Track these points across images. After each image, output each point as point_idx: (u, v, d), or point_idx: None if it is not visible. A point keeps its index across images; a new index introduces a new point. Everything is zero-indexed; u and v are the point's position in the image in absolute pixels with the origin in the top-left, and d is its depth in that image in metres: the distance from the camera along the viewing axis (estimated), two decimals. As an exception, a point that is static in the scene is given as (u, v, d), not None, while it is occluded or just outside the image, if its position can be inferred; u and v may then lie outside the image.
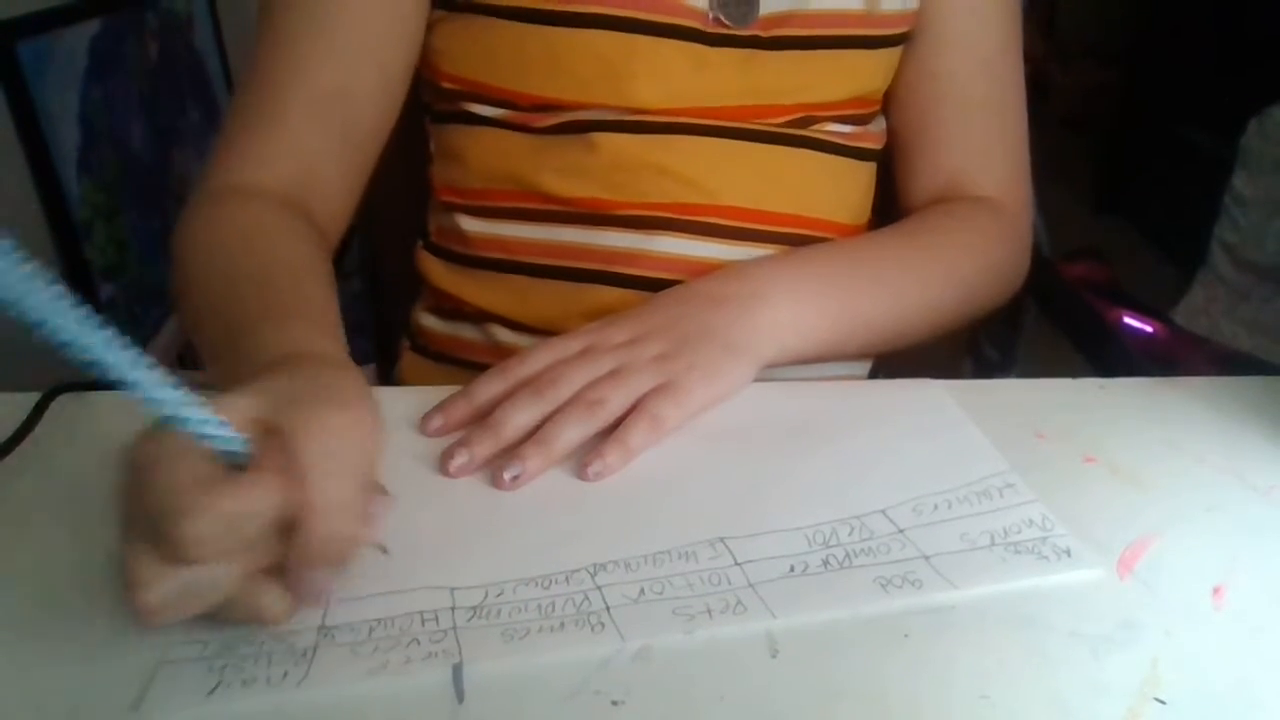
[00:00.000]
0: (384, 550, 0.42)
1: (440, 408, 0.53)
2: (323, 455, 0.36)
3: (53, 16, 1.48)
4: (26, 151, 1.41)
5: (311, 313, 0.50)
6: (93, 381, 0.55)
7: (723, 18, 0.62)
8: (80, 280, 1.49)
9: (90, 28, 1.58)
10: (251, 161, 0.60)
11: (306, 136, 0.61)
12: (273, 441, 0.36)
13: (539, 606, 0.41)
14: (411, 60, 0.65)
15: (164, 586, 0.34)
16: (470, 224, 0.68)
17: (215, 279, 0.54)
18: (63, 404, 0.53)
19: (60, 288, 0.32)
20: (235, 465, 0.37)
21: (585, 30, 0.61)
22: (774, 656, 0.39)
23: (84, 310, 0.33)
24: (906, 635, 0.40)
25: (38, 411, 0.51)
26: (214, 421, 0.36)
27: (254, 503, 0.35)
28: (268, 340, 0.45)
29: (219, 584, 0.36)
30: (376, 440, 0.39)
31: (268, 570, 0.37)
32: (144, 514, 0.34)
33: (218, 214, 0.58)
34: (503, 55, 0.64)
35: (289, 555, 0.36)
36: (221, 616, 0.37)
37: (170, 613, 0.35)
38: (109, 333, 0.33)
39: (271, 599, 0.37)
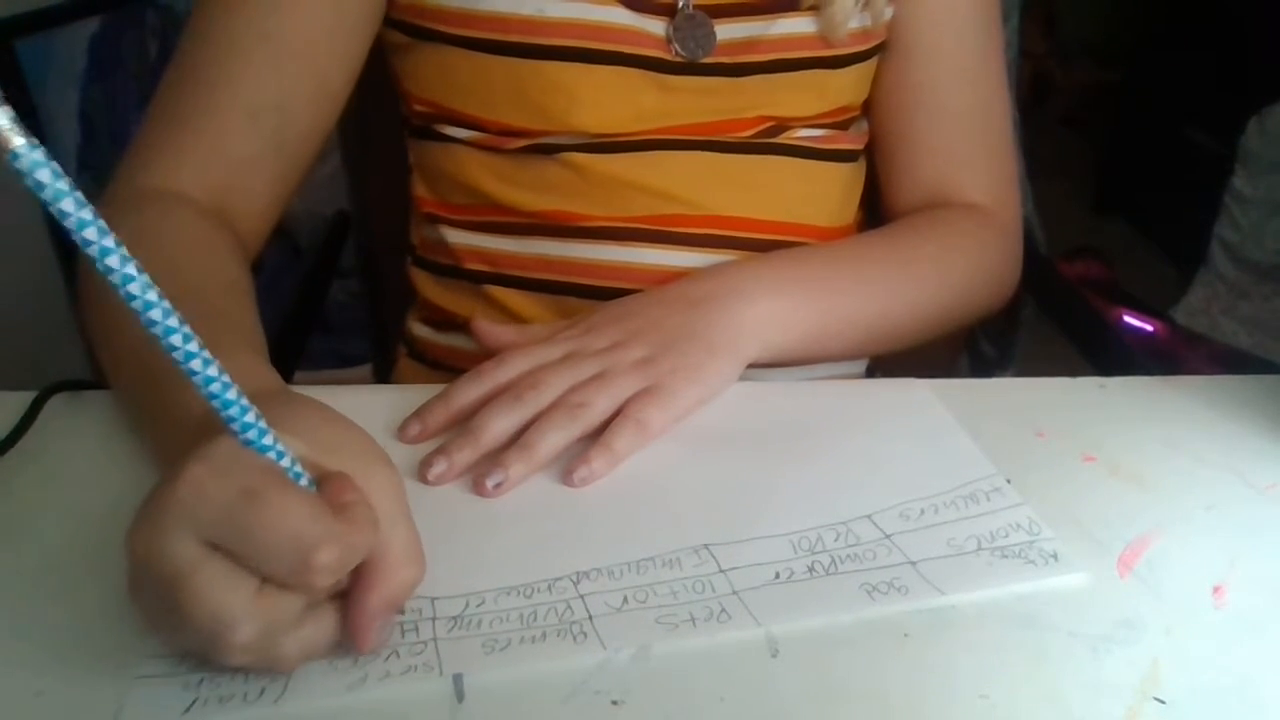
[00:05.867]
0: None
1: (418, 414, 0.52)
2: (395, 505, 0.38)
3: (52, 15, 1.48)
4: (26, 150, 1.40)
5: (248, 338, 0.49)
6: (89, 380, 0.55)
7: (679, 49, 0.62)
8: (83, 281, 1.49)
9: (90, 26, 1.57)
10: (176, 164, 0.58)
11: (237, 144, 0.59)
12: (344, 480, 0.36)
13: (520, 616, 0.41)
14: (352, 75, 0.63)
15: (260, 619, 0.34)
16: (453, 236, 0.68)
17: None
18: (59, 403, 0.53)
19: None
20: None
21: (547, 62, 0.60)
22: (774, 656, 0.39)
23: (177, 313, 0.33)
24: (906, 635, 0.40)
25: (34, 410, 0.51)
26: (289, 455, 0.36)
27: (370, 535, 0.36)
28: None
29: (292, 619, 0.35)
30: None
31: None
32: (259, 541, 0.33)
33: (137, 220, 0.55)
34: (468, 83, 0.63)
35: (366, 597, 0.36)
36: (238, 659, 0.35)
37: (254, 653, 0.34)
38: (199, 341, 0.33)
39: (298, 644, 0.36)
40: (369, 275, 1.00)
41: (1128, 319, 1.92)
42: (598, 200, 0.64)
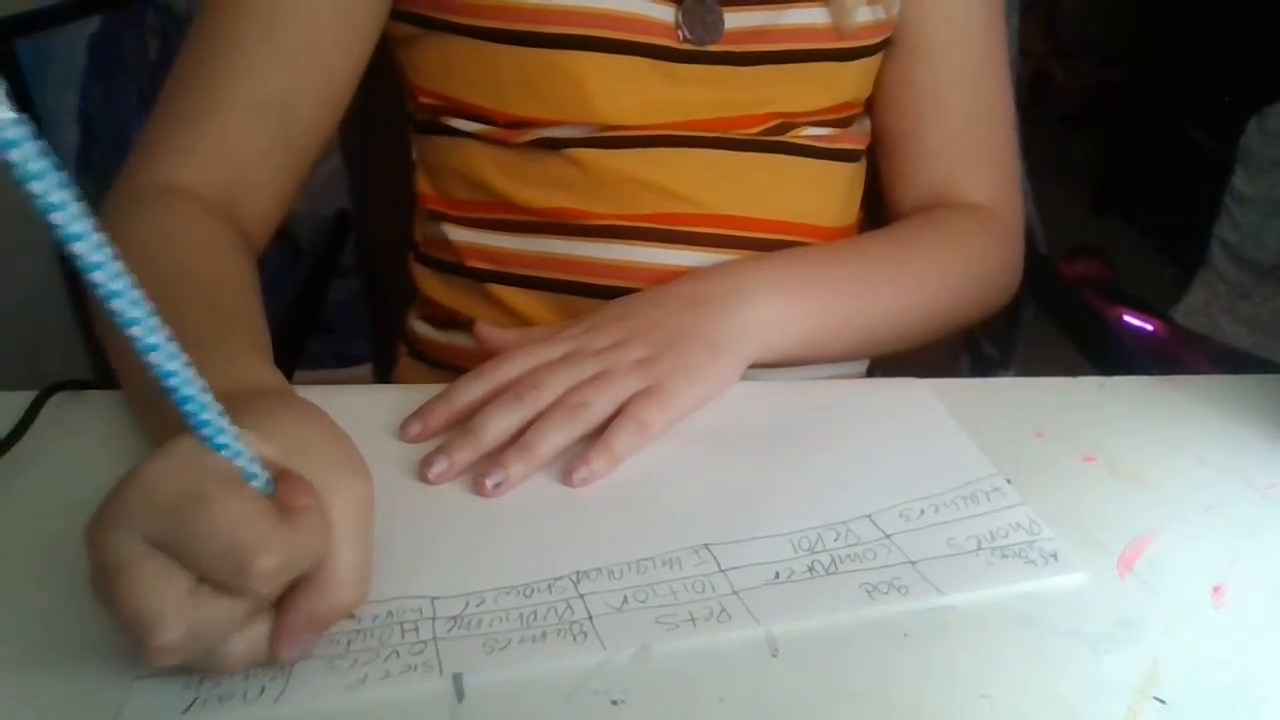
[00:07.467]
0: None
1: (419, 413, 0.52)
2: (353, 521, 0.37)
3: (52, 15, 1.48)
4: (26, 150, 1.40)
5: (250, 335, 0.49)
6: (89, 380, 0.55)
7: (687, 34, 0.62)
8: (80, 279, 1.49)
9: (90, 26, 1.57)
10: (182, 160, 0.58)
11: (243, 140, 0.59)
12: (300, 484, 0.36)
13: (520, 616, 0.41)
14: (358, 70, 0.63)
15: (186, 622, 0.33)
16: (456, 234, 0.68)
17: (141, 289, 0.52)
18: (59, 402, 0.53)
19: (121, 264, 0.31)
20: None
21: (555, 51, 0.60)
22: (774, 656, 0.39)
23: (145, 300, 0.32)
24: (906, 635, 0.40)
25: (34, 410, 0.51)
26: (249, 456, 0.35)
27: (316, 545, 0.35)
28: (216, 367, 0.41)
29: (230, 624, 0.35)
30: (375, 510, 0.39)
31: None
32: (197, 543, 0.33)
33: (143, 216, 0.55)
34: (476, 74, 0.63)
35: (293, 611, 0.36)
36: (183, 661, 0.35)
37: (180, 655, 0.34)
38: (166, 331, 0.33)
39: (241, 647, 0.36)
40: (369, 273, 1.00)
41: (1128, 319, 1.92)
42: (603, 198, 0.64)
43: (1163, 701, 0.37)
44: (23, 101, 1.41)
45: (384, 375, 0.89)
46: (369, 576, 0.38)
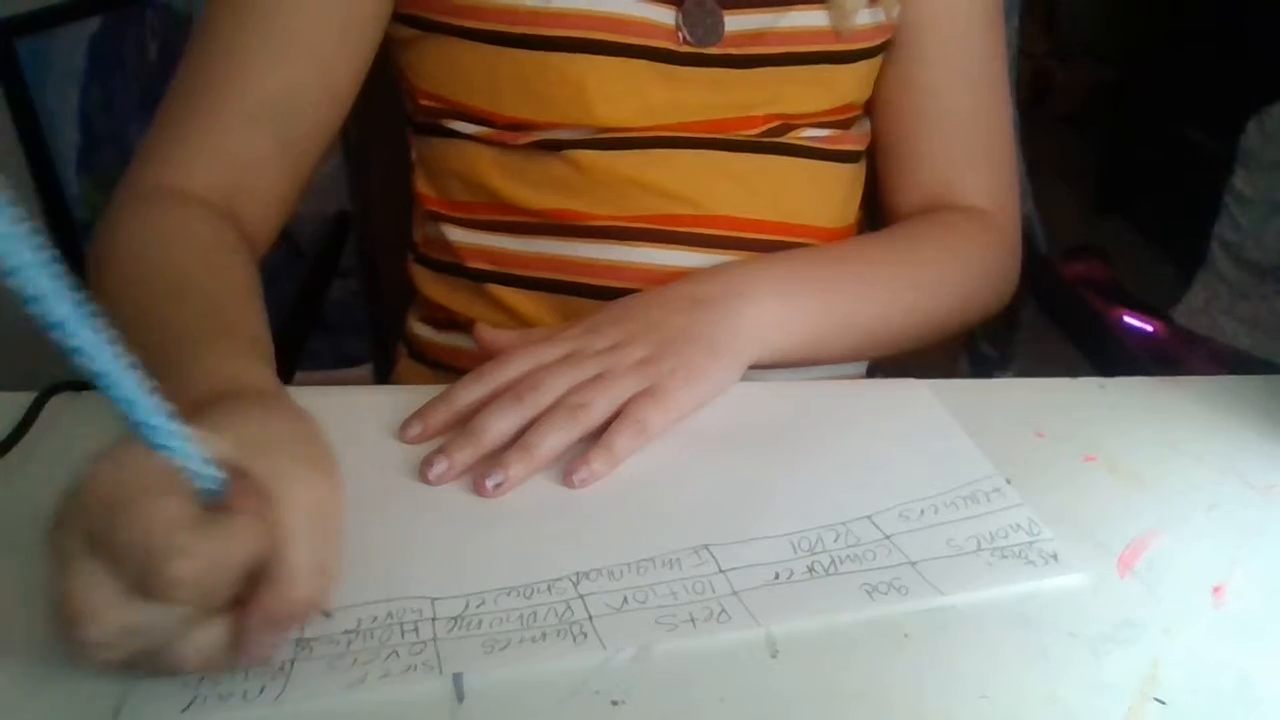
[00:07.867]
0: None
1: (419, 414, 0.52)
2: (308, 519, 0.36)
3: (52, 15, 1.48)
4: (26, 151, 1.40)
5: (246, 338, 0.49)
6: (89, 380, 0.55)
7: (687, 35, 0.62)
8: (80, 280, 1.49)
9: (90, 26, 1.57)
10: (185, 164, 0.58)
11: (244, 142, 0.59)
12: (244, 486, 0.36)
13: (520, 616, 0.41)
14: (360, 75, 0.63)
15: (116, 621, 0.33)
16: (455, 234, 0.68)
17: (140, 291, 0.51)
18: (59, 403, 0.53)
19: (59, 268, 0.31)
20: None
21: (554, 53, 0.60)
22: (774, 657, 0.39)
23: (83, 303, 0.32)
24: (906, 635, 0.40)
25: (34, 410, 0.51)
26: (197, 455, 0.35)
27: (242, 550, 0.35)
28: (206, 368, 0.42)
29: (168, 625, 0.34)
30: (344, 507, 0.39)
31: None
32: (118, 546, 0.33)
33: (145, 218, 0.56)
34: (475, 76, 0.63)
35: (249, 611, 0.35)
36: (131, 661, 0.35)
37: (113, 651, 0.34)
38: (105, 333, 0.33)
39: (194, 647, 0.35)
40: (369, 274, 1.00)
41: (1128, 319, 1.92)
42: (603, 199, 0.64)
43: (1163, 702, 0.37)
44: (23, 101, 1.41)
45: (384, 376, 0.89)
46: (329, 573, 0.37)
